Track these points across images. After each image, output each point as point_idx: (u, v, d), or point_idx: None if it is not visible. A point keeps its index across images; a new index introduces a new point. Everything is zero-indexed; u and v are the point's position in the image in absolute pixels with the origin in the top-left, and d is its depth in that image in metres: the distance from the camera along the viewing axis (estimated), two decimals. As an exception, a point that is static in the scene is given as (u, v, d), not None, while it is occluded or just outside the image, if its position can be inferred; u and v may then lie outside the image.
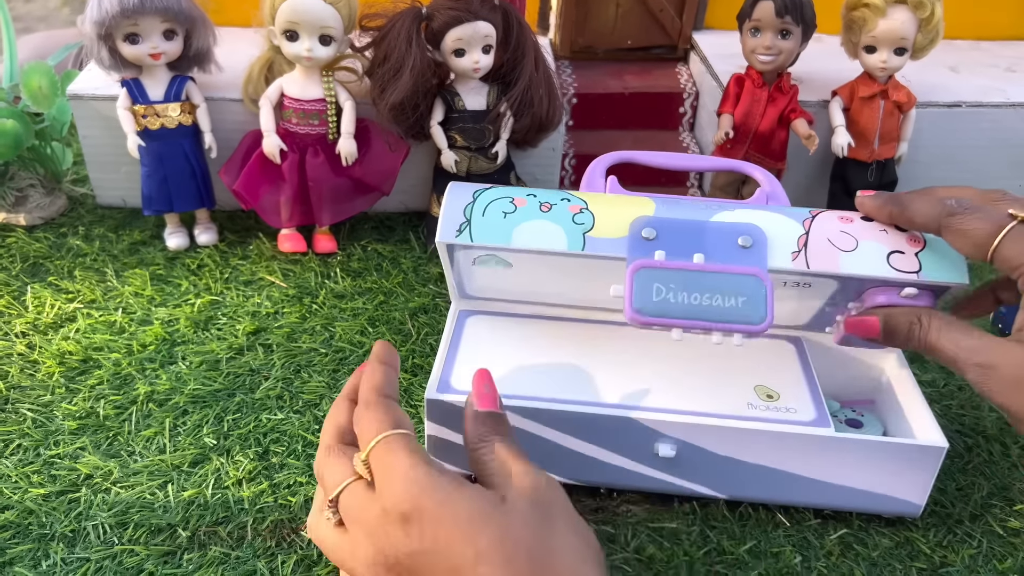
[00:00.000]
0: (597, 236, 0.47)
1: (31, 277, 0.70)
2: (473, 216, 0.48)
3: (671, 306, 0.45)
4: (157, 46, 0.67)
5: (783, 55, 0.71)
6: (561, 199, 0.49)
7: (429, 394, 0.49)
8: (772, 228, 0.48)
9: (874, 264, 0.47)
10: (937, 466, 0.48)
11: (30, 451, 0.54)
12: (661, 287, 0.45)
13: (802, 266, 0.47)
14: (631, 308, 0.45)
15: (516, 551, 0.35)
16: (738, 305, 0.45)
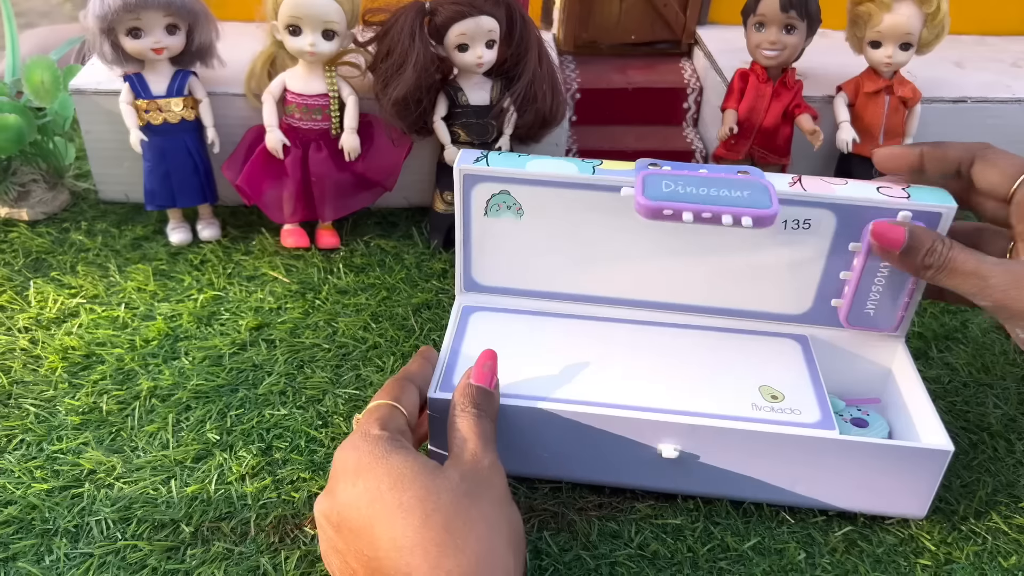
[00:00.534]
0: (606, 168, 0.51)
1: (34, 272, 0.69)
2: (489, 155, 0.52)
3: (680, 195, 0.47)
4: (160, 41, 0.67)
5: (788, 50, 0.71)
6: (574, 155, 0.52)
7: (431, 392, 0.49)
8: (766, 175, 0.50)
9: (865, 192, 0.50)
10: (942, 470, 0.48)
11: (33, 446, 0.54)
12: (670, 183, 0.48)
13: (799, 190, 0.50)
14: (641, 196, 0.47)
15: (435, 511, 0.39)
16: (744, 196, 0.47)
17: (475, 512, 0.40)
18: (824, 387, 0.51)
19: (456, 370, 0.51)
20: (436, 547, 0.38)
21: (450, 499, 0.40)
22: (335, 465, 0.43)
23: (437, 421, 0.49)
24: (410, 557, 0.38)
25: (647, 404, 0.49)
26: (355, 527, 0.40)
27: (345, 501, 0.41)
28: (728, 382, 0.51)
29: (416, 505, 0.39)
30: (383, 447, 0.42)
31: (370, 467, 0.41)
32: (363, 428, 0.44)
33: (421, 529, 0.39)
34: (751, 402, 0.50)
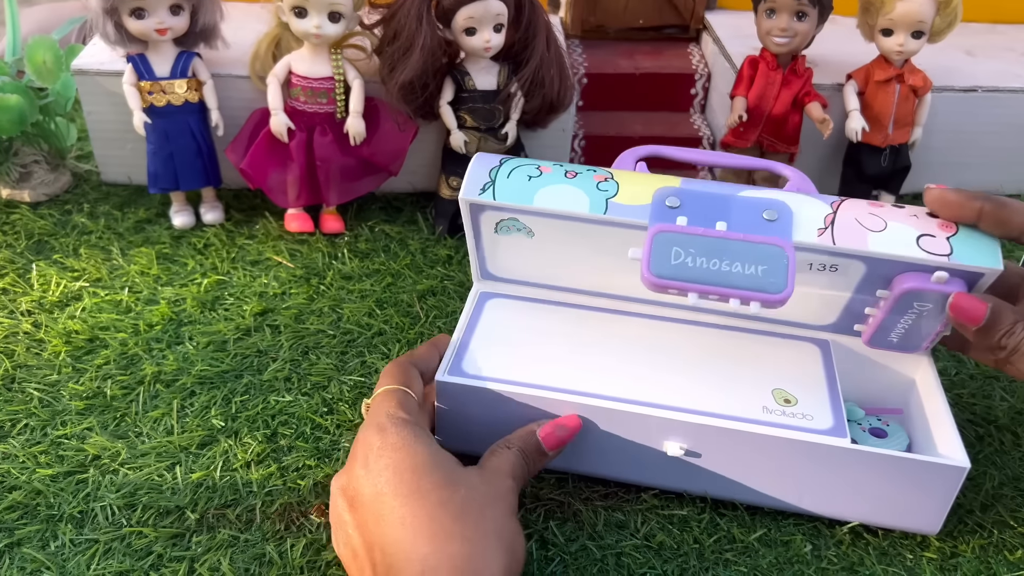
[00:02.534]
0: (620, 202, 0.47)
1: (36, 254, 0.69)
2: (498, 178, 0.49)
3: (689, 270, 0.45)
4: (163, 21, 0.66)
5: (799, 37, 0.70)
6: (588, 170, 0.49)
7: (440, 376, 0.49)
8: (799, 205, 0.47)
9: (903, 245, 0.46)
10: (957, 486, 0.46)
11: (37, 431, 0.54)
12: (680, 251, 0.45)
13: (827, 242, 0.46)
14: (648, 270, 0.45)
15: (450, 500, 0.40)
16: (758, 273, 0.44)
17: (488, 513, 0.41)
18: (840, 394, 0.50)
19: (466, 357, 0.51)
20: (444, 533, 0.39)
21: (466, 495, 0.41)
22: (358, 444, 0.44)
23: (446, 403, 0.49)
24: (415, 536, 0.39)
25: (656, 400, 0.48)
26: (366, 501, 0.41)
27: (363, 477, 0.42)
28: (741, 383, 0.50)
29: (433, 491, 0.40)
30: (411, 432, 0.43)
31: (395, 448, 0.42)
32: (388, 410, 0.44)
33: (433, 513, 0.39)
34: (762, 404, 0.49)
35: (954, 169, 0.83)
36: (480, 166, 0.50)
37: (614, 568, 0.47)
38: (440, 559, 0.38)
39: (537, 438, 0.47)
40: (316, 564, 0.46)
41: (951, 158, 0.82)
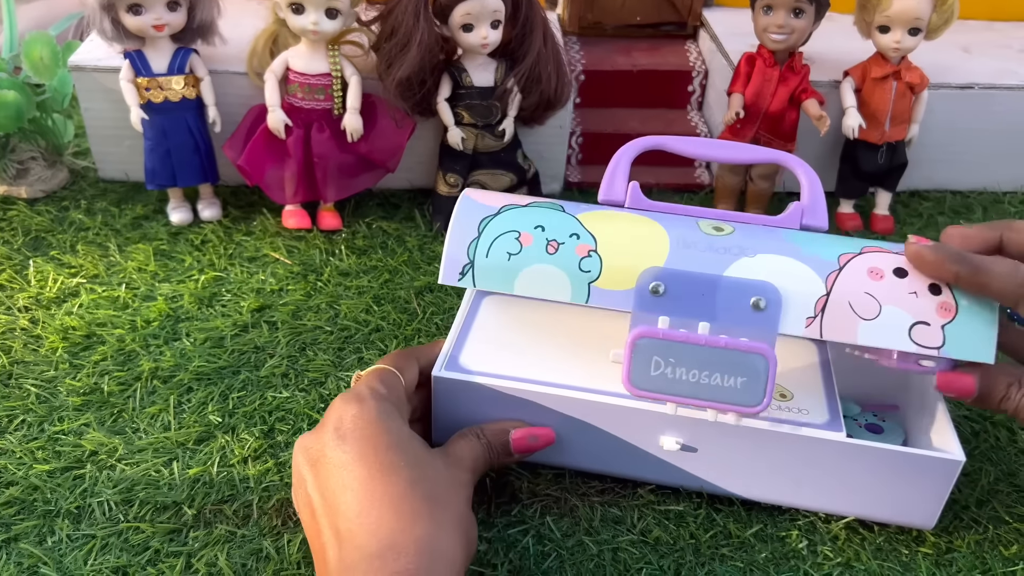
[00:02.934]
0: (603, 288, 0.46)
1: (33, 251, 0.69)
2: (476, 257, 0.47)
3: (668, 382, 0.45)
4: (160, 17, 0.66)
5: (795, 34, 0.70)
6: (570, 235, 0.47)
7: (436, 371, 0.49)
8: (791, 286, 0.45)
9: (894, 337, 0.45)
10: (952, 480, 0.46)
11: (34, 427, 0.54)
12: (660, 361, 0.45)
13: (815, 334, 0.45)
14: (628, 381, 0.45)
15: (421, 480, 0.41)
16: (736, 386, 0.44)
17: (452, 499, 0.42)
18: (836, 389, 0.50)
19: (463, 352, 0.51)
20: (412, 511, 0.39)
21: (435, 477, 0.42)
22: (332, 410, 0.44)
23: (441, 399, 0.49)
24: (382, 511, 0.39)
25: None
26: (332, 467, 0.41)
27: (332, 443, 0.42)
28: None
29: (404, 469, 0.41)
30: (386, 408, 0.43)
31: (370, 422, 0.42)
32: (370, 384, 0.45)
33: (404, 491, 0.40)
34: None
35: (950, 166, 0.83)
36: (458, 236, 0.48)
37: (610, 563, 0.47)
38: (408, 539, 0.38)
39: (508, 439, 0.48)
40: (312, 560, 0.46)
41: (948, 155, 0.82)
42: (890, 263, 0.46)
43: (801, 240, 0.48)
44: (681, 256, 0.46)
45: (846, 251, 0.47)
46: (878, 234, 0.77)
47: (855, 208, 0.79)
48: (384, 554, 0.38)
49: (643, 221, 0.49)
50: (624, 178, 0.51)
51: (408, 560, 0.38)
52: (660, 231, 0.48)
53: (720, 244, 0.47)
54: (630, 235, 0.47)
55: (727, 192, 0.77)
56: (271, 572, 0.45)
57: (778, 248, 0.47)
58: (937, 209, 0.81)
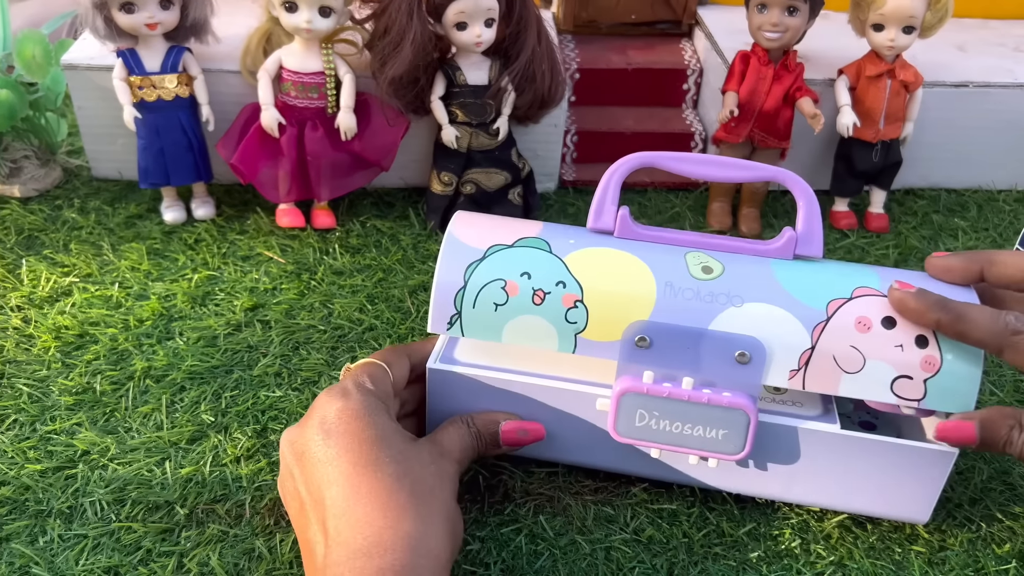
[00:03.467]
0: (589, 339, 0.46)
1: (26, 250, 0.69)
2: (464, 308, 0.47)
3: (652, 432, 0.46)
4: (153, 15, 0.66)
5: (790, 32, 0.70)
6: (556, 283, 0.47)
7: (430, 363, 0.49)
8: (776, 339, 0.45)
9: (875, 389, 0.45)
10: (946, 473, 0.47)
11: (26, 426, 0.53)
12: (644, 413, 0.46)
13: (798, 386, 0.46)
14: (613, 430, 0.47)
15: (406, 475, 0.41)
16: (718, 438, 0.46)
17: (438, 494, 0.42)
18: None
19: (457, 347, 0.51)
20: (398, 507, 0.39)
21: (421, 471, 0.42)
22: (318, 404, 0.44)
23: (435, 391, 0.49)
24: (368, 507, 0.39)
25: None
26: (318, 462, 0.41)
27: (317, 438, 0.42)
28: None
29: (389, 464, 0.41)
30: (371, 403, 0.43)
31: (355, 416, 0.42)
32: (356, 379, 0.45)
33: (390, 487, 0.40)
34: None
35: (945, 164, 0.83)
36: (445, 284, 0.47)
37: (603, 562, 0.47)
38: (395, 536, 0.38)
39: (498, 430, 0.48)
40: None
41: (942, 153, 0.82)
42: (878, 312, 0.46)
43: (791, 281, 0.47)
44: (668, 305, 0.46)
45: (836, 296, 0.46)
46: (872, 233, 0.77)
47: (850, 206, 0.79)
48: (370, 551, 0.38)
49: (631, 262, 0.47)
50: (614, 203, 0.49)
51: (394, 557, 0.38)
52: (647, 276, 0.47)
53: (707, 291, 0.46)
54: (616, 282, 0.47)
55: (722, 191, 0.77)
56: (263, 572, 0.45)
57: (766, 295, 0.46)
58: (932, 207, 0.81)
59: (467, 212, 0.51)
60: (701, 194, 0.82)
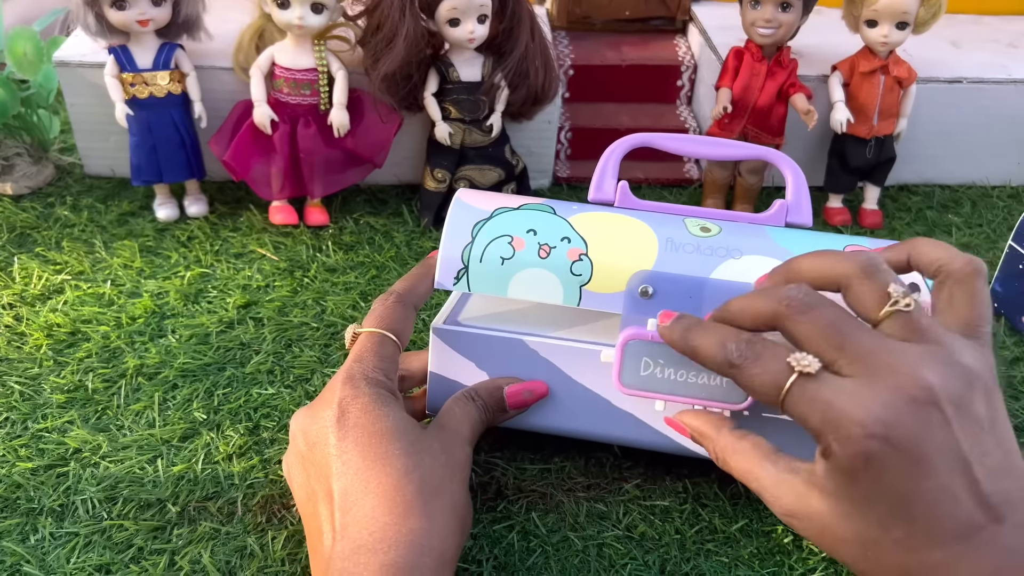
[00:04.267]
0: (593, 291, 0.47)
1: (18, 247, 0.69)
2: (471, 262, 0.48)
3: (657, 381, 0.46)
4: (145, 12, 0.66)
5: (783, 28, 0.70)
6: (561, 238, 0.48)
7: (436, 323, 0.49)
8: None
9: None
10: None
11: (18, 424, 0.53)
12: (649, 362, 0.46)
13: None
14: (618, 380, 0.46)
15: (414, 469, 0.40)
16: (722, 385, 0.45)
17: (446, 487, 0.41)
18: None
19: (466, 304, 0.51)
20: (404, 503, 0.39)
21: (430, 464, 0.41)
22: (330, 392, 0.44)
23: (441, 352, 0.49)
24: (375, 502, 0.39)
25: None
26: (329, 453, 0.41)
27: (327, 428, 0.42)
28: None
29: (398, 458, 0.41)
30: (381, 395, 0.43)
31: (365, 409, 0.42)
32: (365, 369, 0.44)
33: (397, 482, 0.40)
34: None
35: (939, 160, 0.83)
36: (453, 240, 0.48)
37: (595, 559, 0.47)
38: (400, 532, 0.38)
39: (503, 395, 0.48)
40: (297, 557, 0.46)
41: (936, 149, 0.82)
42: None
43: (785, 240, 0.49)
44: (669, 258, 0.47)
45: None
46: (866, 229, 0.77)
47: (844, 202, 0.79)
48: (375, 546, 0.38)
49: (632, 222, 0.49)
50: (613, 177, 0.52)
51: (397, 553, 0.38)
52: (649, 233, 0.48)
53: (707, 245, 0.48)
54: (619, 238, 0.48)
55: (716, 187, 0.77)
56: (255, 569, 0.45)
57: (763, 249, 0.48)
58: (926, 203, 0.82)
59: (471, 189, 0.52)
60: (695, 191, 0.82)
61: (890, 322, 0.36)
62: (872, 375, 0.34)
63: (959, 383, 0.34)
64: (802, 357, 0.36)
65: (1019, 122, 0.81)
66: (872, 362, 0.34)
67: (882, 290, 0.36)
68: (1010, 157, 0.83)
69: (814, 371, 0.35)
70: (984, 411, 0.34)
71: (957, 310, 0.37)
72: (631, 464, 0.53)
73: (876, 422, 0.33)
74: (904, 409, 0.33)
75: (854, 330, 0.35)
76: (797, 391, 0.35)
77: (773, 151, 0.52)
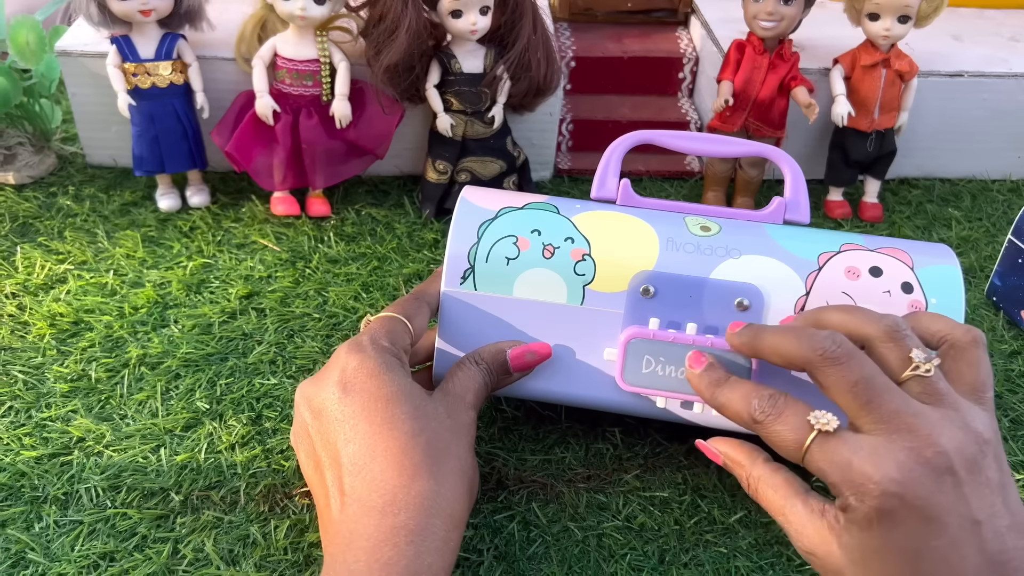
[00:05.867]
0: (597, 290, 0.48)
1: (21, 237, 0.69)
2: (477, 262, 0.49)
3: (658, 379, 0.48)
4: (147, 2, 0.66)
5: (785, 21, 0.70)
6: (565, 239, 0.49)
7: (445, 288, 0.49)
8: (773, 286, 0.47)
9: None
10: None
11: (22, 413, 0.54)
12: (651, 359, 0.48)
13: None
14: (621, 378, 0.48)
15: (421, 432, 0.41)
16: None
17: (453, 450, 0.42)
18: None
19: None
20: (412, 466, 0.40)
21: (436, 427, 0.42)
22: (335, 360, 0.44)
23: (450, 316, 0.49)
24: (384, 465, 0.40)
25: None
26: (334, 420, 0.42)
27: (334, 396, 0.42)
28: None
29: (405, 422, 0.41)
30: (387, 360, 0.44)
31: (371, 374, 0.43)
32: (373, 335, 0.45)
33: (404, 445, 0.40)
34: None
35: (939, 154, 0.83)
36: (459, 241, 0.49)
37: (595, 549, 0.47)
38: (408, 495, 0.39)
39: (506, 357, 0.48)
40: (299, 545, 0.46)
41: (937, 143, 0.82)
42: (866, 262, 0.48)
43: (784, 238, 0.49)
44: (670, 258, 0.48)
45: (826, 249, 0.49)
46: (866, 222, 0.78)
47: (844, 196, 0.79)
48: (384, 508, 0.39)
49: (634, 222, 0.50)
50: (616, 175, 0.52)
51: (408, 516, 0.39)
52: (650, 232, 0.49)
53: (707, 245, 0.49)
54: (621, 237, 0.49)
55: (716, 180, 0.77)
56: (258, 558, 0.46)
57: (762, 248, 0.49)
58: (926, 197, 0.82)
59: (476, 187, 0.53)
60: (696, 183, 0.82)
61: (911, 384, 0.38)
62: (891, 434, 0.36)
63: (973, 448, 0.36)
64: (821, 415, 0.38)
65: (1019, 116, 0.81)
66: (894, 422, 0.36)
67: (905, 354, 0.38)
68: (1010, 151, 0.84)
69: (832, 429, 0.37)
70: (995, 475, 0.36)
71: (963, 377, 0.39)
72: (631, 455, 0.53)
73: (892, 481, 0.35)
74: (919, 470, 0.35)
75: (882, 391, 0.37)
76: (817, 448, 0.37)
77: (773, 148, 0.53)
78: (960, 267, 0.48)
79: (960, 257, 0.72)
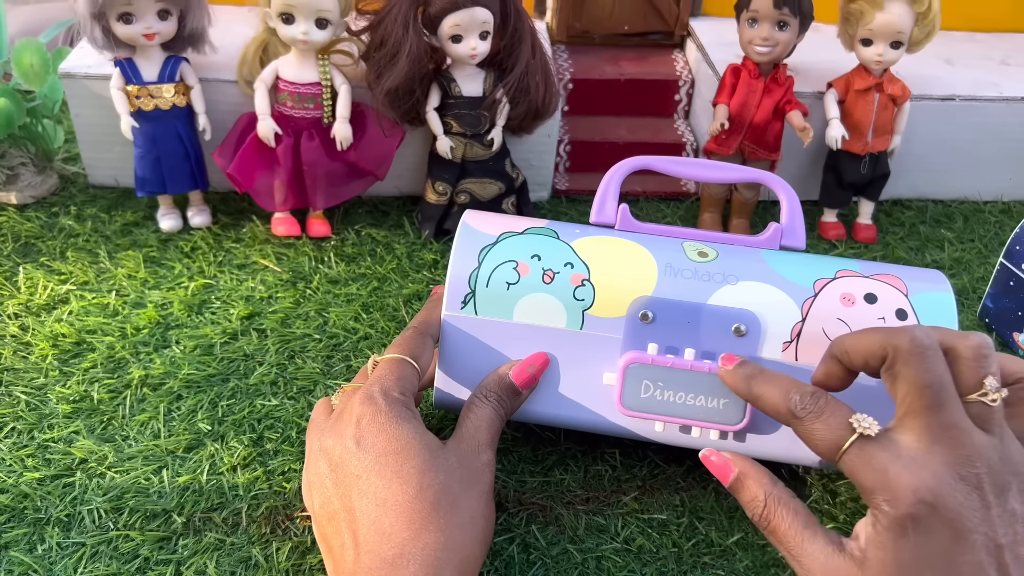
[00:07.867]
0: (596, 315, 0.49)
1: (23, 257, 0.69)
2: (477, 287, 0.49)
3: (657, 403, 0.48)
4: (151, 26, 0.66)
5: (780, 46, 0.71)
6: (565, 264, 0.49)
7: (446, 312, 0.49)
8: (769, 312, 0.48)
9: None
10: None
11: (24, 434, 0.54)
12: (649, 384, 0.48)
13: (791, 358, 0.48)
14: (620, 402, 0.49)
15: (430, 486, 0.42)
16: (719, 407, 0.48)
17: (463, 500, 0.43)
18: None
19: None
20: (421, 519, 0.41)
21: (445, 480, 0.43)
22: (349, 411, 0.45)
23: (451, 341, 0.50)
24: (394, 519, 0.41)
25: None
26: (351, 473, 0.43)
27: (348, 449, 0.43)
28: None
29: (414, 475, 0.42)
30: (398, 413, 0.44)
31: (382, 428, 0.43)
32: (384, 387, 0.46)
33: (413, 499, 0.41)
34: None
35: (932, 176, 0.84)
36: (460, 265, 0.49)
37: (594, 572, 0.48)
38: (416, 548, 0.40)
39: (510, 379, 0.49)
40: (301, 568, 0.47)
41: (930, 166, 0.83)
42: (861, 289, 0.49)
43: (780, 264, 0.50)
44: (668, 284, 0.49)
45: (821, 276, 0.49)
46: (861, 243, 0.78)
47: (838, 217, 0.80)
48: (395, 561, 0.40)
49: (633, 247, 0.51)
50: (615, 200, 0.53)
51: (417, 567, 0.40)
52: (648, 258, 0.50)
53: (704, 271, 0.49)
54: (620, 263, 0.50)
55: (713, 201, 0.78)
56: (260, 580, 0.46)
57: (758, 275, 0.49)
58: (919, 218, 0.83)
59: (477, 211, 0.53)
60: (692, 204, 0.83)
61: (972, 406, 0.38)
62: (934, 444, 0.36)
63: (1006, 477, 0.36)
64: (863, 419, 0.38)
65: (1010, 138, 0.82)
66: (943, 434, 0.37)
67: (981, 378, 0.38)
68: (1001, 173, 0.85)
69: (874, 434, 0.38)
70: (1019, 507, 0.36)
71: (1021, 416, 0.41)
72: (629, 477, 0.53)
73: (928, 490, 0.35)
74: (953, 484, 0.36)
75: (947, 402, 0.37)
76: (855, 452, 0.38)
77: (769, 175, 0.54)
78: (953, 293, 0.49)
79: (952, 279, 0.73)
